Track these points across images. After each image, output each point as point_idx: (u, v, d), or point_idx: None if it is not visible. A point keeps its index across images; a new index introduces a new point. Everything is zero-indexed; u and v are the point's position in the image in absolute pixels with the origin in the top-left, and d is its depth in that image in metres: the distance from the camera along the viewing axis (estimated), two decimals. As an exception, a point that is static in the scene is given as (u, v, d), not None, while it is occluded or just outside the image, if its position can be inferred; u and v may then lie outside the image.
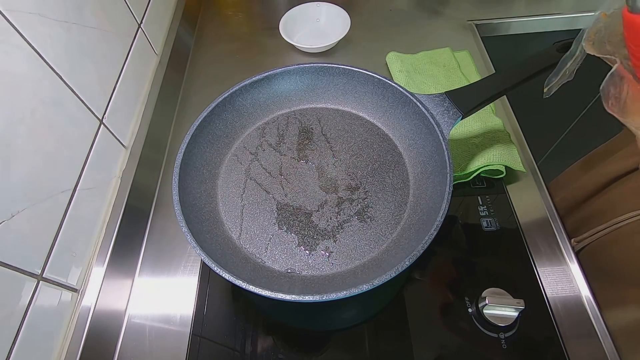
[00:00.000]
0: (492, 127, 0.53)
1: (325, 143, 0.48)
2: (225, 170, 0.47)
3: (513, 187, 0.51)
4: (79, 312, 0.40)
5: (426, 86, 0.59)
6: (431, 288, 0.45)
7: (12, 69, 0.34)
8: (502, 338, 0.40)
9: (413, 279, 0.45)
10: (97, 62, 0.46)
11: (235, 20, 0.79)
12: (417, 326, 0.42)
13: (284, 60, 0.69)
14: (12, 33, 0.34)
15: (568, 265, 0.45)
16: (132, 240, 0.49)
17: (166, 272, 0.47)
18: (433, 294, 0.44)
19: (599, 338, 0.40)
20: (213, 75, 0.68)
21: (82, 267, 0.42)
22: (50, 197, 0.37)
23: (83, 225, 0.43)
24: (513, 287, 0.42)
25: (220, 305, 0.45)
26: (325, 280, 0.39)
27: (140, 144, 0.53)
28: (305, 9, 0.71)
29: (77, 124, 0.42)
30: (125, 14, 0.54)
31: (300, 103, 0.51)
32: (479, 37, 0.70)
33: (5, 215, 0.32)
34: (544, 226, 0.48)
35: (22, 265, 0.34)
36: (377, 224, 0.42)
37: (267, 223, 0.43)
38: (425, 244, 0.33)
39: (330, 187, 0.45)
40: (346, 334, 0.43)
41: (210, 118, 0.45)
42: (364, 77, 0.47)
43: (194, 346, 0.42)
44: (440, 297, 0.44)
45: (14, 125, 0.34)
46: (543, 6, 0.75)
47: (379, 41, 0.70)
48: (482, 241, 0.47)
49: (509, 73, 0.41)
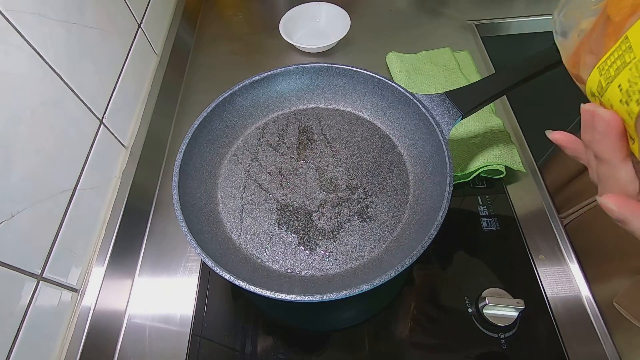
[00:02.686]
0: (492, 127, 0.53)
1: (325, 143, 0.48)
2: (225, 170, 0.47)
3: (513, 187, 0.51)
4: (79, 312, 0.40)
5: (426, 86, 0.59)
6: (431, 288, 0.45)
7: (12, 69, 0.34)
8: (502, 338, 0.40)
9: (413, 279, 0.45)
10: (97, 62, 0.46)
11: (235, 20, 0.79)
12: (417, 326, 0.42)
13: (284, 60, 0.69)
14: (12, 33, 0.34)
15: (568, 265, 0.45)
16: (132, 240, 0.49)
17: (166, 272, 0.47)
18: (433, 294, 0.44)
19: (599, 338, 0.40)
20: (213, 75, 0.68)
21: (82, 267, 0.42)
22: (50, 197, 0.37)
23: (83, 225, 0.43)
24: (513, 287, 0.42)
25: (220, 305, 0.45)
26: (325, 280, 0.39)
27: (140, 144, 0.53)
28: (305, 9, 0.71)
29: (77, 124, 0.42)
30: (125, 14, 0.54)
31: (300, 103, 0.51)
32: (479, 37, 0.70)
33: (5, 215, 0.32)
34: (544, 226, 0.48)
35: (22, 265, 0.34)
36: (377, 224, 0.42)
37: (267, 223, 0.43)
38: (425, 244, 0.33)
39: (330, 187, 0.45)
40: (346, 334, 0.43)
41: (210, 118, 0.45)
42: (364, 77, 0.46)
43: (194, 346, 0.42)
44: (440, 297, 0.44)
45: (14, 125, 0.34)
46: (543, 6, 0.75)
47: (379, 41, 0.70)
48: (482, 241, 0.47)
49: (509, 73, 0.41)
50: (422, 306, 0.43)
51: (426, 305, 0.43)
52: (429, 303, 0.44)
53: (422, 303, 0.44)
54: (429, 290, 0.45)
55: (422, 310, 0.43)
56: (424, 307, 0.43)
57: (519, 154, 0.51)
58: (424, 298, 0.44)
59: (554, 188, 0.57)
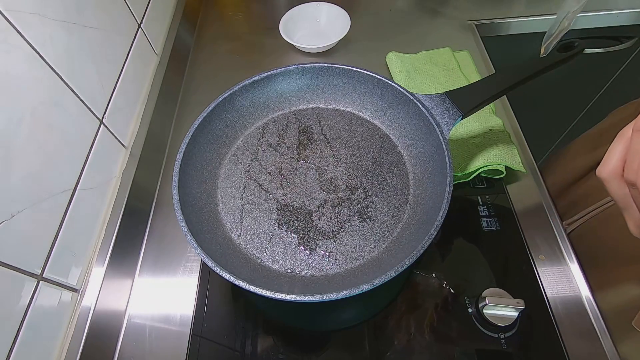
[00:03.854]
0: (492, 127, 0.53)
1: (325, 143, 0.48)
2: (225, 170, 0.47)
3: (513, 187, 0.51)
4: (79, 312, 0.40)
5: (426, 86, 0.59)
6: (431, 288, 0.45)
7: (12, 69, 0.34)
8: (502, 338, 0.40)
9: (413, 278, 0.45)
10: (97, 62, 0.46)
11: (236, 20, 0.79)
12: (417, 326, 0.42)
13: (284, 60, 0.69)
14: (12, 33, 0.34)
15: (568, 265, 0.45)
16: (132, 240, 0.49)
17: (166, 272, 0.47)
18: (433, 294, 0.44)
19: (599, 338, 0.40)
20: (213, 75, 0.68)
21: (82, 267, 0.42)
22: (50, 197, 0.37)
23: (83, 225, 0.43)
24: (513, 287, 0.42)
25: (220, 305, 0.45)
26: (325, 280, 0.39)
27: (140, 144, 0.53)
28: (305, 9, 0.71)
29: (77, 124, 0.42)
30: (125, 14, 0.54)
31: (300, 103, 0.51)
32: (479, 37, 0.70)
33: (5, 215, 0.32)
34: (544, 226, 0.48)
35: (22, 265, 0.34)
36: (377, 224, 0.42)
37: (267, 223, 0.43)
38: (425, 244, 0.33)
39: (330, 187, 0.45)
40: (346, 334, 0.43)
41: (210, 118, 0.45)
42: (364, 77, 0.46)
43: (194, 346, 0.42)
44: (440, 297, 0.44)
45: (14, 125, 0.34)
46: (543, 6, 0.75)
47: (379, 41, 0.70)
48: (482, 241, 0.47)
49: (509, 73, 0.41)
50: (422, 306, 0.43)
51: (426, 306, 0.43)
52: (429, 303, 0.44)
53: (422, 303, 0.44)
54: (429, 290, 0.45)
55: (422, 310, 0.43)
56: (423, 307, 0.43)
57: (519, 154, 0.51)
58: (423, 298, 0.44)
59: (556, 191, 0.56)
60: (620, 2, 0.74)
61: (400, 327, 0.42)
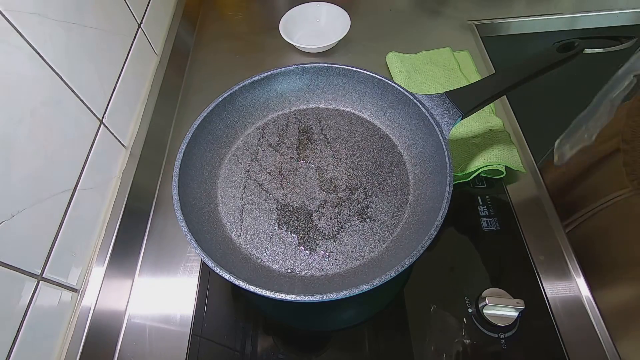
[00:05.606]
0: (492, 127, 0.53)
1: (325, 143, 0.48)
2: (225, 170, 0.47)
3: (513, 187, 0.51)
4: (79, 312, 0.40)
5: (426, 86, 0.59)
6: (431, 288, 0.45)
7: (12, 69, 0.34)
8: (502, 338, 0.40)
9: (413, 278, 0.45)
10: (97, 62, 0.46)
11: (235, 20, 0.79)
12: (417, 326, 0.42)
13: (284, 60, 0.69)
14: (12, 33, 0.34)
15: (568, 265, 0.45)
16: (132, 240, 0.49)
17: (166, 272, 0.47)
18: (433, 294, 0.44)
19: (599, 338, 0.40)
20: (213, 75, 0.68)
21: (82, 267, 0.42)
22: (50, 197, 0.37)
23: (83, 225, 0.43)
24: (513, 287, 0.42)
25: (220, 305, 0.45)
26: (325, 280, 0.39)
27: (140, 144, 0.53)
28: (305, 9, 0.71)
29: (77, 124, 0.42)
30: (125, 14, 0.54)
31: (300, 103, 0.51)
32: (479, 37, 0.70)
33: (5, 215, 0.32)
34: (544, 226, 0.48)
35: (22, 265, 0.34)
36: (377, 224, 0.42)
37: (267, 223, 0.43)
38: (425, 244, 0.33)
39: (330, 187, 0.45)
40: (346, 334, 0.43)
41: (210, 118, 0.45)
42: (364, 77, 0.46)
43: (194, 346, 0.42)
44: (440, 297, 0.44)
45: (14, 125, 0.34)
46: (543, 6, 0.75)
47: (379, 41, 0.70)
48: (482, 241, 0.47)
49: (509, 73, 0.41)
50: (422, 306, 0.43)
51: (426, 305, 0.43)
52: (429, 303, 0.43)
53: (422, 303, 0.44)
54: (429, 290, 0.45)
55: (422, 310, 0.43)
56: (423, 307, 0.43)
57: (519, 154, 0.51)
58: (423, 298, 0.44)
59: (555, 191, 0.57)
60: (620, 2, 0.74)
61: (400, 327, 0.42)
